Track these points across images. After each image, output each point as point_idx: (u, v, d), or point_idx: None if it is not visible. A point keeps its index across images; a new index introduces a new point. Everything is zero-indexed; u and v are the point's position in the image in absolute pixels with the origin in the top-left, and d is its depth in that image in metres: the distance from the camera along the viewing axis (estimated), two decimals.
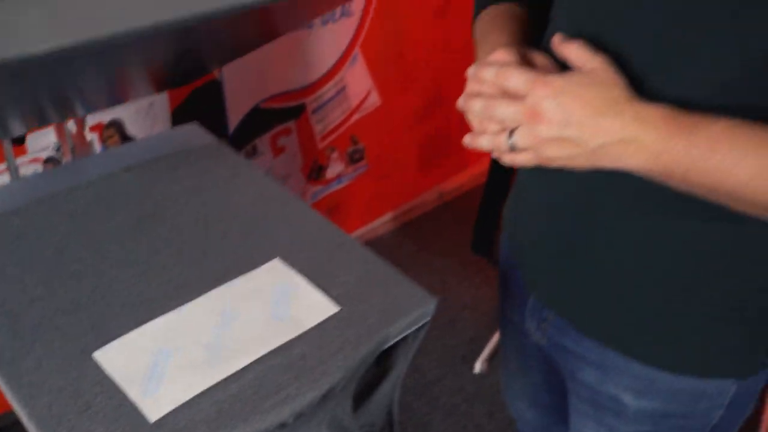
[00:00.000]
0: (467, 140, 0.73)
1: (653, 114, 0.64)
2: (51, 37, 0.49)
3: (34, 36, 0.49)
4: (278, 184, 1.07)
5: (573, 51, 0.68)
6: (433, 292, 0.89)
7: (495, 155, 0.72)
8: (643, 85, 0.68)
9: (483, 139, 0.71)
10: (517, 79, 0.67)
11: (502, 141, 0.69)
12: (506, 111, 0.67)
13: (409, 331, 0.88)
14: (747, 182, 0.62)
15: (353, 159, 2.24)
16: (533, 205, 0.90)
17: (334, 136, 2.13)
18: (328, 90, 2.02)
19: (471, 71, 0.71)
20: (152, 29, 0.53)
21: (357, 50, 2.02)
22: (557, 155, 0.67)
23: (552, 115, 0.64)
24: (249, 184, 1.05)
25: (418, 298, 0.88)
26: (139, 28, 0.52)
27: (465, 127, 0.73)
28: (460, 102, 0.73)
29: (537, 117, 0.65)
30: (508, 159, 0.70)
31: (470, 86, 0.72)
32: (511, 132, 0.68)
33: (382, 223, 2.51)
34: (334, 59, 1.99)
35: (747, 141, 0.62)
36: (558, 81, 0.65)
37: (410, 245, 2.50)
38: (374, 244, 2.48)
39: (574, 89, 0.64)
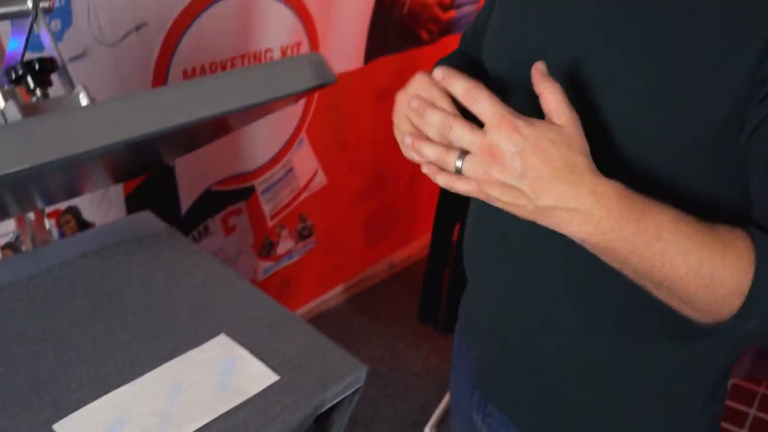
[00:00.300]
0: (408, 140, 0.69)
1: (608, 191, 0.63)
2: (20, 158, 0.59)
3: (4, 157, 0.59)
4: (225, 266, 1.17)
5: (550, 93, 0.65)
6: (383, 360, 0.97)
7: (427, 170, 0.68)
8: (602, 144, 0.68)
9: (429, 149, 0.67)
10: (485, 105, 0.63)
11: (450, 159, 0.65)
12: (464, 137, 0.64)
13: (344, 396, 0.97)
14: (682, 276, 0.64)
15: (302, 236, 2.34)
16: (478, 304, 0.96)
17: (283, 214, 2.24)
18: (277, 172, 2.14)
19: (438, 73, 0.66)
20: (115, 146, 0.64)
21: (303, 134, 2.15)
22: (500, 198, 0.64)
23: (510, 161, 0.62)
24: (198, 267, 1.15)
25: (350, 367, 0.98)
26: (104, 145, 0.62)
27: (410, 203, 0.77)
28: (403, 102, 0.71)
29: (494, 157, 0.62)
30: (444, 179, 0.67)
31: (423, 89, 0.70)
32: (461, 154, 0.65)
33: (333, 296, 2.60)
34: (282, 143, 2.11)
35: (691, 236, 0.63)
36: (525, 128, 0.62)
37: (361, 316, 2.59)
38: (326, 316, 2.56)
39: (539, 143, 0.62)
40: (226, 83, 0.78)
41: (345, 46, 2.16)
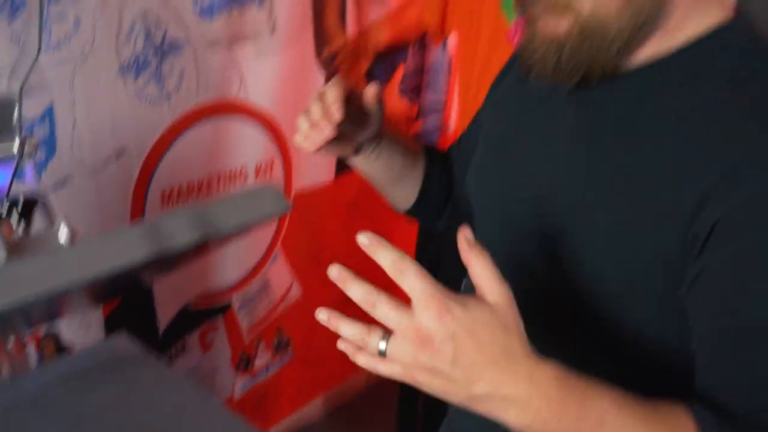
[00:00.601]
0: (323, 316, 0.63)
1: (546, 376, 0.60)
2: (7, 294, 0.64)
3: None
4: (198, 387, 1.20)
5: (479, 267, 0.61)
6: None
7: (344, 347, 0.63)
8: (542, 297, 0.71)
9: (347, 328, 0.61)
10: (413, 281, 0.59)
11: (372, 341, 0.60)
12: (388, 316, 0.59)
13: None
14: None
15: (279, 348, 2.36)
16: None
17: (260, 328, 2.26)
18: (253, 286, 2.18)
19: (364, 240, 0.64)
20: (92, 281, 0.69)
21: (278, 249, 2.21)
22: (429, 385, 0.60)
23: (441, 347, 0.57)
24: (171, 389, 1.18)
25: None
26: (83, 280, 0.68)
27: None
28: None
29: (423, 341, 0.58)
30: (366, 360, 0.62)
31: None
32: (385, 334, 0.59)
33: (312, 409, 2.59)
34: (257, 258, 2.17)
35: (634, 416, 0.61)
36: (457, 309, 0.58)
37: (341, 430, 2.58)
38: (306, 430, 2.54)
39: (473, 326, 0.58)
40: (188, 217, 0.84)
41: (316, 160, 2.25)
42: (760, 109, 0.66)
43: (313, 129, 0.84)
